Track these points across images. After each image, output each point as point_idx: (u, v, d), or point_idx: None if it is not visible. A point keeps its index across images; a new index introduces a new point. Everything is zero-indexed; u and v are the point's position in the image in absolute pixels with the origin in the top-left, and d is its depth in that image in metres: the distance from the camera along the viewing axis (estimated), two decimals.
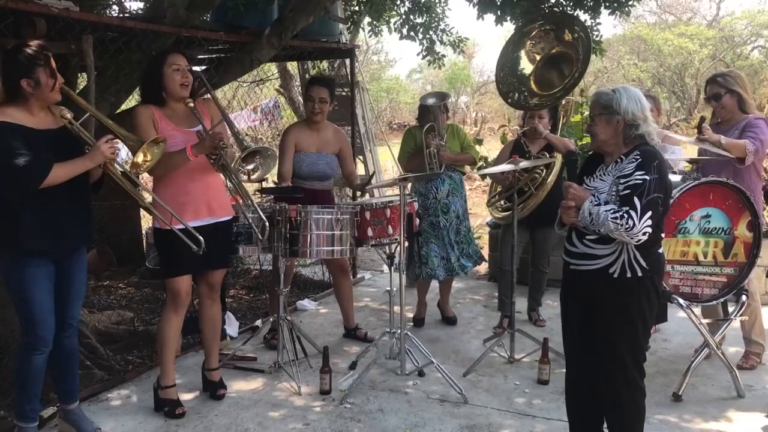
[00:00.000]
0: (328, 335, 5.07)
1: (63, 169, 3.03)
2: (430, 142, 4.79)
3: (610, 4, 5.84)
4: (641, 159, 2.77)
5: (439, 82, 31.11)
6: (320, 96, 4.60)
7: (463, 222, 5.07)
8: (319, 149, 4.67)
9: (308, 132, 4.66)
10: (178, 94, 3.58)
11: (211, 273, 3.84)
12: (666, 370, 4.33)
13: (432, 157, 4.79)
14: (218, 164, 3.60)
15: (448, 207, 4.98)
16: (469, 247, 5.09)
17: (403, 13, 6.92)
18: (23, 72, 3.00)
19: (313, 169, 4.63)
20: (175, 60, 3.57)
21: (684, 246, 3.80)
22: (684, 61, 21.24)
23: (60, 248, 3.19)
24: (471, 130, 21.67)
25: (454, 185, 5.02)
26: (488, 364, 4.44)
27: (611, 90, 2.91)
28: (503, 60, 4.62)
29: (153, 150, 3.21)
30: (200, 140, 3.55)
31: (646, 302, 2.85)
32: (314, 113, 4.61)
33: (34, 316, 3.13)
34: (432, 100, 4.89)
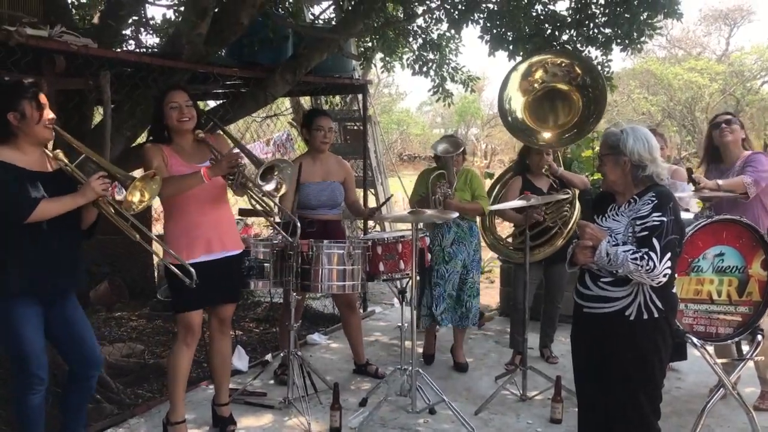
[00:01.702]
0: (338, 370, 5.04)
1: (52, 204, 3.00)
2: (436, 190, 4.71)
3: (621, 41, 5.88)
4: (657, 200, 2.77)
5: (449, 115, 31.34)
6: (329, 126, 4.67)
7: (470, 273, 4.90)
8: (323, 177, 4.70)
9: (311, 162, 4.69)
10: (178, 129, 3.61)
11: (222, 307, 3.84)
12: (680, 410, 4.28)
13: (437, 204, 4.67)
14: (237, 183, 3.58)
15: (452, 256, 4.84)
16: (472, 302, 4.93)
17: (415, 49, 7.00)
18: (9, 105, 2.99)
19: (320, 197, 4.65)
20: (172, 98, 3.58)
21: (698, 284, 3.77)
22: (694, 95, 21.29)
23: (45, 291, 3.14)
24: (481, 163, 21.76)
25: (461, 234, 4.88)
26: (500, 402, 4.39)
27: (619, 130, 2.91)
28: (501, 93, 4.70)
29: (150, 186, 3.17)
30: (215, 163, 3.56)
31: (662, 343, 2.83)
32: (323, 143, 4.66)
33: (26, 353, 3.09)
34: (442, 147, 4.80)
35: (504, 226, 6.06)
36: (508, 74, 4.86)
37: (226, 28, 4.64)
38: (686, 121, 22.23)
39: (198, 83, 4.92)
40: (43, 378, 3.17)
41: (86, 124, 4.66)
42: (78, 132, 3.44)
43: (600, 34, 5.80)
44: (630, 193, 2.89)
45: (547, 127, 4.85)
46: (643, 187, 2.86)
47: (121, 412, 4.14)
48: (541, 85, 4.83)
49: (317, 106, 7.15)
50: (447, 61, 7.17)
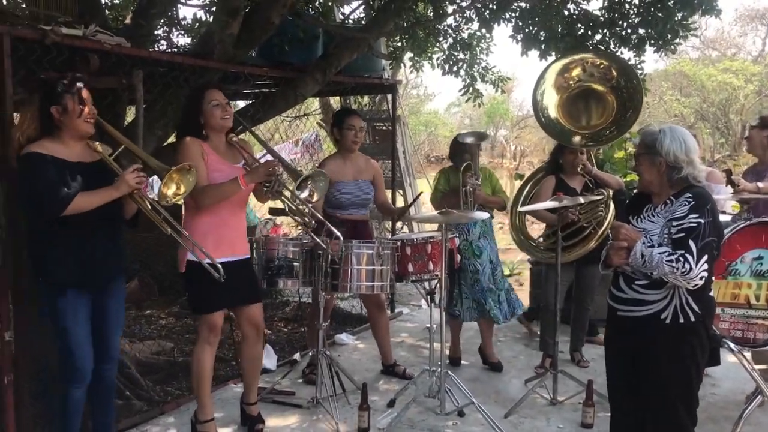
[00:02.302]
0: (366, 371, 5.02)
1: (88, 197, 3.05)
2: (467, 181, 4.73)
3: (655, 42, 5.79)
4: (694, 202, 2.71)
5: (477, 116, 31.18)
6: (360, 125, 4.68)
7: (497, 267, 4.95)
8: (355, 177, 4.70)
9: (342, 162, 4.69)
10: (220, 126, 3.63)
11: (250, 310, 3.80)
12: (716, 416, 4.18)
13: (468, 196, 4.72)
14: (273, 191, 3.61)
15: (481, 250, 4.85)
16: (507, 296, 4.94)
17: (445, 48, 6.96)
18: (52, 100, 3.07)
19: (353, 197, 4.65)
20: (213, 96, 3.61)
21: (735, 288, 3.69)
22: (728, 97, 20.93)
23: (91, 282, 3.20)
24: (510, 164, 21.61)
25: (486, 228, 4.92)
26: (530, 405, 4.34)
27: (658, 130, 2.85)
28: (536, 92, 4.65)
29: (187, 179, 3.18)
30: (252, 169, 3.58)
31: (698, 347, 2.76)
32: (354, 142, 4.66)
33: (71, 346, 3.15)
34: (470, 139, 4.85)
35: (534, 227, 5.99)
36: (545, 70, 4.80)
37: (256, 27, 4.65)
38: (720, 123, 21.86)
39: (228, 83, 4.94)
40: (86, 372, 3.21)
41: (119, 122, 4.69)
42: None
43: (633, 35, 5.71)
44: (666, 194, 2.83)
45: (580, 126, 4.79)
46: (679, 188, 2.79)
47: (151, 409, 4.17)
48: (576, 84, 4.76)
49: (346, 106, 7.14)
50: (477, 61, 7.12)
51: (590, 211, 4.68)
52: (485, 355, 5.19)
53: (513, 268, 8.99)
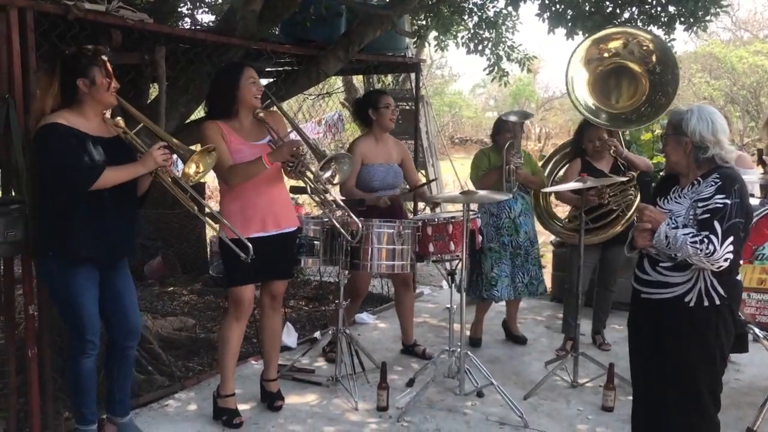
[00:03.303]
0: (386, 350, 5.02)
1: (114, 172, 3.06)
2: (510, 159, 4.69)
3: (686, 20, 5.66)
4: (721, 182, 2.65)
5: (503, 98, 30.91)
6: (393, 104, 4.68)
7: (534, 245, 4.95)
8: (386, 160, 4.69)
9: (374, 144, 4.68)
10: (253, 105, 3.63)
11: (274, 283, 3.85)
12: (740, 402, 4.12)
13: (510, 174, 4.69)
14: (296, 171, 3.61)
15: (520, 228, 4.86)
16: (537, 273, 4.96)
17: (470, 27, 6.89)
18: (79, 72, 3.06)
19: (383, 180, 4.65)
20: (251, 73, 3.63)
21: (762, 273, 3.63)
22: (759, 80, 20.49)
23: (107, 257, 3.22)
24: (536, 146, 21.41)
25: (526, 206, 4.92)
26: (550, 387, 4.31)
27: (685, 109, 2.79)
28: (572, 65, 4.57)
29: (206, 160, 3.19)
30: (276, 148, 3.58)
31: (724, 332, 2.72)
32: (392, 120, 4.66)
33: (83, 320, 3.17)
34: (514, 117, 4.80)
35: (558, 209, 5.92)
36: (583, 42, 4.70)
37: (279, 4, 4.62)
38: (750, 107, 21.41)
39: (251, 60, 4.92)
40: (96, 343, 3.25)
41: (142, 99, 4.71)
42: (134, 106, 3.46)
43: (663, 13, 5.60)
44: (694, 175, 2.77)
45: (609, 104, 4.71)
46: (706, 168, 2.73)
47: (172, 384, 4.21)
48: (611, 57, 4.65)
49: (369, 85, 7.10)
50: (503, 40, 7.05)
51: (620, 194, 4.59)
52: (510, 329, 5.26)
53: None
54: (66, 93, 3.08)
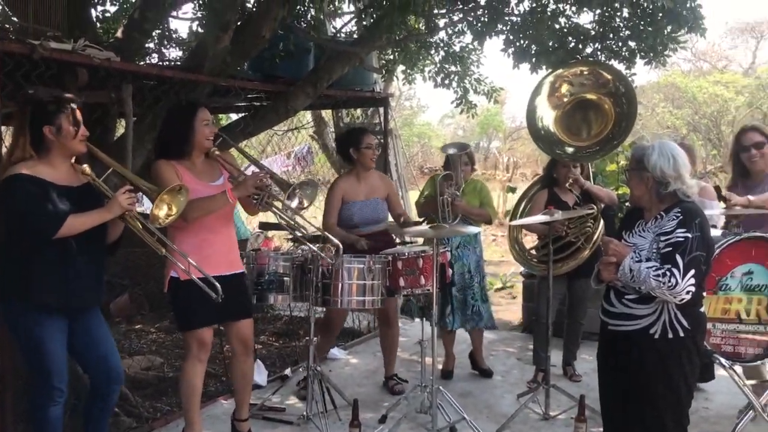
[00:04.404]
0: (358, 386, 4.99)
1: (79, 219, 3.01)
2: (444, 190, 4.78)
3: (645, 54, 5.81)
4: (683, 216, 2.71)
5: (471, 128, 31.27)
6: (375, 142, 4.75)
7: (474, 278, 4.98)
8: (367, 196, 4.72)
9: (356, 182, 4.73)
10: (205, 147, 3.62)
11: (238, 326, 3.77)
12: (708, 431, 4.16)
13: (445, 205, 4.76)
14: (263, 203, 3.60)
15: (457, 259, 4.92)
16: (479, 305, 4.99)
17: (437, 61, 6.98)
18: (46, 119, 3.02)
19: (364, 216, 4.67)
20: (205, 115, 3.62)
21: (725, 303, 3.68)
22: (720, 109, 21.04)
23: (71, 305, 3.15)
24: (503, 176, 21.64)
25: (466, 238, 4.94)
26: (522, 420, 4.31)
27: (648, 145, 2.87)
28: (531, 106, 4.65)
29: (178, 200, 3.16)
30: (240, 182, 3.57)
31: (688, 364, 2.76)
32: (373, 160, 4.71)
33: (48, 367, 3.09)
34: (452, 150, 4.93)
35: (527, 239, 5.98)
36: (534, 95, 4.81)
37: (247, 41, 4.64)
38: (711, 135, 21.94)
39: (219, 97, 4.93)
40: (63, 390, 3.17)
41: (109, 136, 4.69)
42: (100, 144, 3.43)
43: (624, 48, 5.73)
44: (656, 209, 2.84)
45: (580, 139, 4.80)
46: (669, 203, 2.80)
47: (140, 425, 4.12)
48: (570, 99, 4.76)
49: (339, 120, 7.15)
50: (469, 73, 7.15)
51: (578, 226, 4.68)
52: (475, 361, 5.28)
53: (506, 281, 8.97)
54: (34, 140, 3.04)
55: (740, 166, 4.32)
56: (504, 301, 8.28)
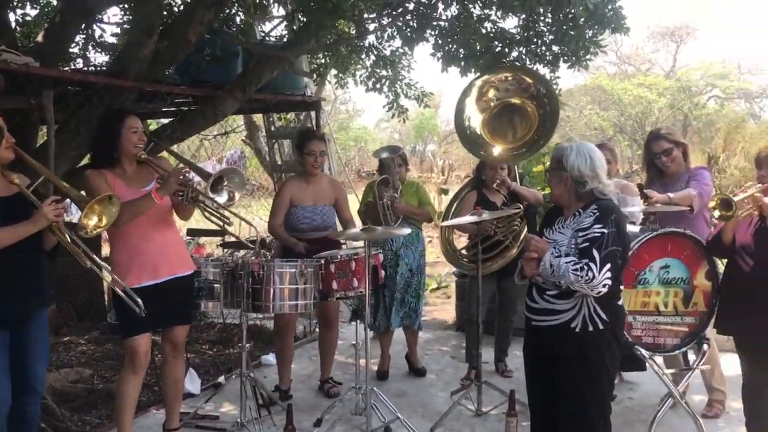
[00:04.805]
0: (294, 391, 4.96)
1: (4, 233, 2.94)
2: (383, 194, 4.85)
3: (568, 58, 5.99)
4: (599, 213, 2.82)
5: (406, 131, 31.51)
6: (321, 149, 4.70)
7: (415, 276, 5.09)
8: (315, 201, 4.72)
9: (304, 186, 4.72)
10: (133, 154, 3.57)
11: (174, 330, 3.76)
12: (632, 420, 4.33)
13: (386, 208, 4.84)
14: (189, 199, 3.56)
15: (401, 260, 5.02)
16: (415, 305, 5.10)
17: (368, 66, 7.02)
18: None
19: (311, 222, 4.67)
20: (133, 123, 3.56)
21: (645, 297, 3.83)
22: (644, 110, 21.83)
23: (12, 315, 3.07)
24: (438, 179, 21.89)
25: (409, 238, 5.03)
26: (456, 417, 4.38)
27: (566, 146, 2.97)
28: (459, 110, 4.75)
29: (110, 209, 3.10)
30: (163, 182, 3.52)
31: (608, 355, 2.87)
32: (315, 167, 4.69)
33: None
34: (385, 154, 5.01)
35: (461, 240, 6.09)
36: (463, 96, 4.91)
37: (173, 45, 4.58)
38: (637, 135, 22.72)
39: (145, 102, 4.85)
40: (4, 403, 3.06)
41: (29, 144, 4.54)
42: None
43: (548, 52, 5.90)
44: (575, 207, 2.94)
45: (506, 141, 4.91)
46: (586, 201, 2.91)
47: None
48: (496, 103, 4.88)
49: (270, 124, 7.11)
50: (400, 78, 7.22)
51: (506, 225, 4.81)
52: (410, 361, 5.37)
53: (441, 282, 9.09)
54: None
55: (655, 168, 4.50)
56: (439, 301, 8.38)
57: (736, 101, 24.95)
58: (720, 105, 23.31)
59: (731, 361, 3.88)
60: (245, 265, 4.00)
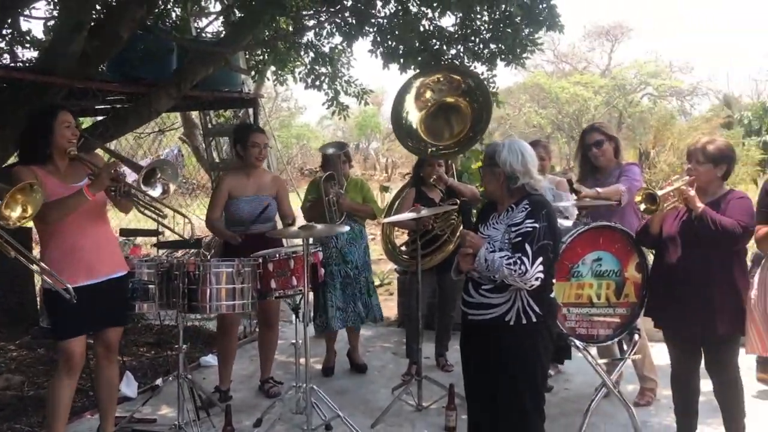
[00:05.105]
0: (233, 392, 4.91)
1: None
2: (329, 190, 4.84)
3: (505, 56, 6.09)
4: (531, 208, 2.88)
5: (349, 129, 31.48)
6: (264, 142, 4.69)
7: (362, 273, 5.10)
8: (256, 193, 4.68)
9: (244, 178, 4.68)
10: (65, 149, 3.47)
11: (108, 332, 3.68)
12: (568, 410, 4.43)
13: (332, 204, 4.83)
14: (122, 193, 3.48)
15: (347, 256, 5.02)
16: (370, 300, 5.12)
17: (307, 63, 6.98)
18: None
19: (253, 214, 4.62)
20: (66, 117, 3.48)
21: (578, 289, 3.92)
22: (580, 108, 22.37)
23: None
24: (381, 176, 21.94)
25: (353, 235, 5.06)
26: (396, 413, 4.41)
27: (499, 143, 3.03)
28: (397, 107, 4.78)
29: (33, 198, 2.97)
30: (95, 178, 3.43)
31: (542, 347, 2.93)
32: (259, 159, 4.67)
33: None
34: (331, 150, 5.01)
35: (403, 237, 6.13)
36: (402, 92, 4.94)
37: (104, 42, 4.47)
38: (574, 133, 23.27)
39: (75, 99, 4.71)
40: None
41: None
42: None
43: (485, 50, 5.98)
44: (508, 202, 3.00)
45: (443, 139, 4.96)
46: (519, 196, 2.96)
47: None
48: (432, 103, 4.95)
49: (207, 122, 7.00)
50: (340, 75, 7.20)
51: (444, 220, 4.87)
52: (351, 358, 5.38)
53: (383, 278, 9.11)
54: None
55: (588, 163, 4.62)
56: (382, 298, 8.33)
57: (668, 99, 25.79)
58: (653, 102, 24.06)
59: (662, 350, 4.00)
60: (181, 266, 3.92)
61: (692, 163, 3.58)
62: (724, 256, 3.45)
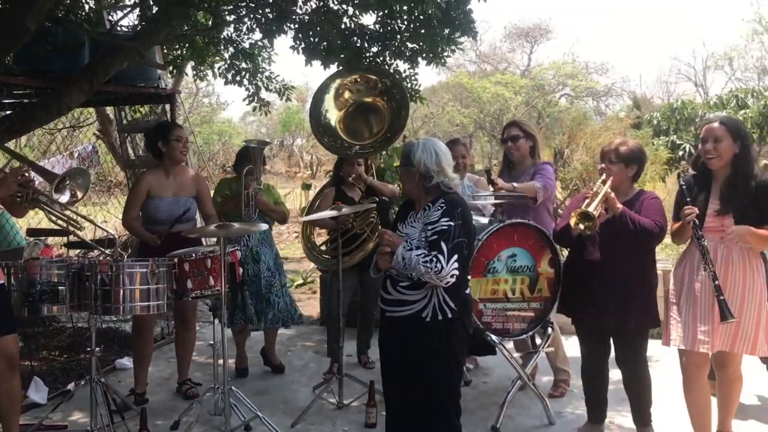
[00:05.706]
0: (150, 394, 4.78)
1: None
2: (249, 184, 4.77)
3: (426, 55, 6.16)
4: (446, 206, 2.93)
5: (273, 126, 31.16)
6: (185, 137, 4.62)
7: (275, 275, 5.06)
8: (175, 193, 4.57)
9: (164, 177, 4.56)
10: None
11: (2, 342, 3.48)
12: (486, 403, 4.53)
13: (250, 199, 4.78)
14: (29, 200, 3.35)
15: (260, 256, 4.98)
16: (284, 300, 5.08)
17: (227, 58, 6.86)
18: None
19: (172, 214, 4.51)
20: None
21: (494, 285, 4.03)
22: (501, 107, 22.82)
23: None
24: (305, 174, 21.82)
25: (264, 235, 5.03)
26: (317, 411, 4.40)
27: (414, 142, 3.07)
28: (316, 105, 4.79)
29: None
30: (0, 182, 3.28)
31: (457, 342, 2.98)
32: (183, 153, 4.59)
33: None
34: (254, 144, 5.00)
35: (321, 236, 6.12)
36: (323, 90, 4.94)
37: (8, 33, 4.26)
38: (496, 132, 23.74)
39: None
40: None
41: None
42: None
43: (406, 49, 6.03)
44: (424, 201, 3.04)
45: (362, 139, 4.98)
46: (434, 195, 3.01)
47: None
48: (351, 103, 4.97)
49: (122, 118, 6.79)
50: (261, 70, 7.11)
51: (364, 218, 4.89)
52: (267, 357, 5.30)
53: (306, 277, 9.08)
54: None
55: (506, 158, 4.75)
56: (305, 297, 8.36)
57: (585, 99, 26.66)
58: (570, 102, 24.81)
59: (574, 342, 4.15)
60: (93, 266, 3.79)
61: (606, 163, 3.71)
62: (639, 253, 3.59)
